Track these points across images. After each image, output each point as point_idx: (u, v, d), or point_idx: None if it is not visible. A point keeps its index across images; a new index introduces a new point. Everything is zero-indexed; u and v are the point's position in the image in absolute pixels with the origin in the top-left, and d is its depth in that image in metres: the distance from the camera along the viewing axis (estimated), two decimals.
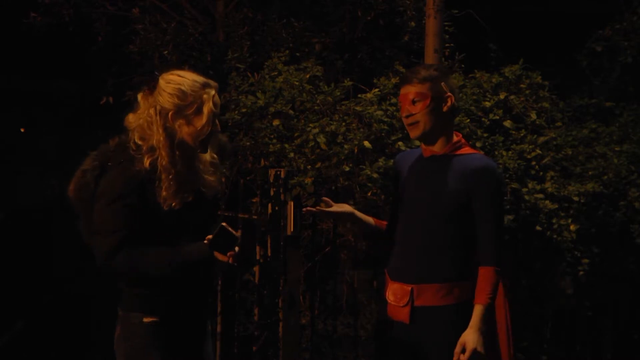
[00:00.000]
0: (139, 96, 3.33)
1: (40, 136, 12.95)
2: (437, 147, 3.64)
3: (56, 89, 12.66)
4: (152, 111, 3.27)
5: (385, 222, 3.86)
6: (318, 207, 3.71)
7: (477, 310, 3.52)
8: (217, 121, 3.32)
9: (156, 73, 3.33)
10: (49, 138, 12.83)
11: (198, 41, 8.94)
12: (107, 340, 3.46)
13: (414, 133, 3.62)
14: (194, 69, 3.46)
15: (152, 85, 3.31)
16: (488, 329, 3.57)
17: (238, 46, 8.55)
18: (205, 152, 3.35)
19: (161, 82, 3.31)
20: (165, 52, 8.61)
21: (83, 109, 11.82)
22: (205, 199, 3.37)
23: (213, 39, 8.96)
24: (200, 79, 3.32)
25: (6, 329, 7.87)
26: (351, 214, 3.77)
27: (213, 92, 3.31)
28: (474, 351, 3.47)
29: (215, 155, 3.42)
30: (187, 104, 3.26)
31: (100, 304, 3.41)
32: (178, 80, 3.29)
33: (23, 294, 8.91)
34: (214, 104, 3.30)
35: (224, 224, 3.25)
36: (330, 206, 3.74)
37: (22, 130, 13.41)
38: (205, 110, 3.27)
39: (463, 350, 3.48)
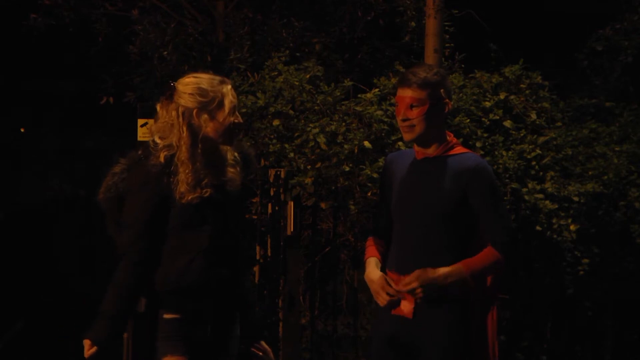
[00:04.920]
0: (158, 106, 3.50)
1: (41, 136, 12.97)
2: (431, 150, 3.63)
3: (56, 89, 12.67)
4: (173, 114, 3.44)
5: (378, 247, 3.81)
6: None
7: (454, 266, 3.51)
8: (237, 113, 3.51)
9: (171, 83, 3.49)
10: (50, 138, 12.85)
11: (198, 41, 8.96)
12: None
13: (408, 136, 3.62)
14: (194, 69, 3.59)
15: (168, 94, 3.47)
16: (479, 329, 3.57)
17: (238, 46, 8.56)
18: (232, 144, 3.50)
19: (179, 87, 3.47)
20: (165, 52, 8.62)
21: (83, 109, 11.84)
22: (227, 193, 3.47)
23: (213, 39, 8.97)
24: (215, 76, 3.51)
25: (6, 329, 7.87)
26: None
27: (230, 86, 3.51)
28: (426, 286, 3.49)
29: (236, 154, 3.55)
30: (209, 100, 3.43)
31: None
32: (196, 81, 3.46)
33: (23, 294, 8.92)
34: (233, 97, 3.49)
35: None
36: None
37: (22, 130, 13.42)
38: (227, 102, 3.45)
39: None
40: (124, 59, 9.18)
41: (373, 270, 3.67)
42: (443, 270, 3.51)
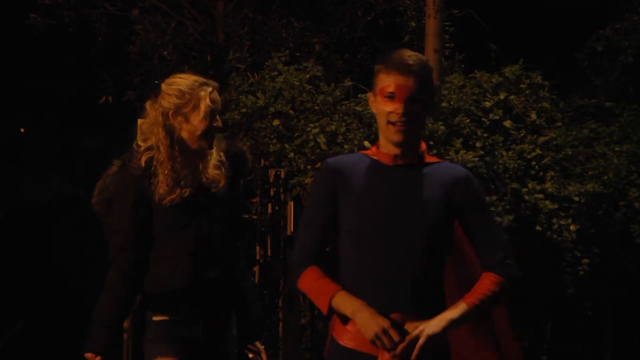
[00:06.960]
0: (147, 104, 3.49)
1: (41, 136, 12.96)
2: (407, 156, 2.91)
3: (56, 89, 12.66)
4: (156, 113, 3.43)
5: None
6: None
7: (458, 308, 2.83)
8: (217, 117, 3.42)
9: (156, 82, 3.53)
10: (49, 138, 12.83)
11: (198, 41, 8.96)
12: None
13: (400, 136, 2.85)
14: (194, 69, 3.57)
15: (156, 93, 3.47)
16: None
17: (238, 46, 8.56)
18: (210, 147, 3.44)
19: (163, 86, 3.46)
20: (165, 52, 8.63)
21: (83, 109, 11.84)
22: (212, 195, 3.43)
23: (213, 39, 8.97)
24: (199, 78, 3.45)
25: (6, 329, 7.87)
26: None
27: (210, 89, 3.43)
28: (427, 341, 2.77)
29: (222, 155, 3.49)
30: (185, 102, 3.40)
31: None
32: (178, 82, 3.44)
33: (23, 294, 8.92)
34: (212, 101, 3.41)
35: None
36: None
37: (22, 130, 13.41)
38: (202, 106, 3.39)
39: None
40: (124, 59, 9.18)
41: (364, 307, 2.83)
42: (443, 320, 2.80)
